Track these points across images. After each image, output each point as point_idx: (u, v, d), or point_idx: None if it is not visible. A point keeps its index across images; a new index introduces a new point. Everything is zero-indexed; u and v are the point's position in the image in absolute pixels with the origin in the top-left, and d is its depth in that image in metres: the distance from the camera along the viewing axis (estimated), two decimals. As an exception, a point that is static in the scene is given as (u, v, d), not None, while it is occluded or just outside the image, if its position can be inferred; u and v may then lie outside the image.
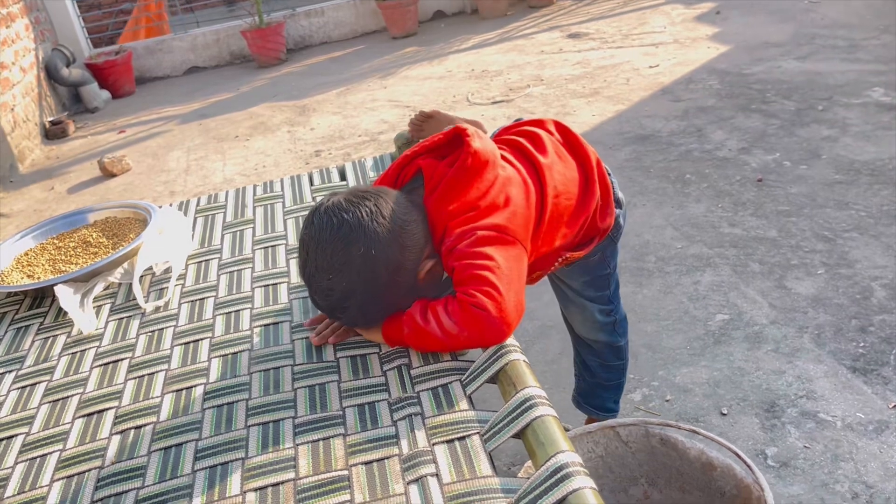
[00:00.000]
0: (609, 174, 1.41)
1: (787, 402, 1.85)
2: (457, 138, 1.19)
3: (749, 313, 2.19)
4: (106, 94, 6.01)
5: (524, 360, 1.03)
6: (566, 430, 0.91)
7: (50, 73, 5.60)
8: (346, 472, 0.89)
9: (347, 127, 4.46)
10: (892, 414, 1.76)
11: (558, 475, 0.82)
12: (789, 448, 1.72)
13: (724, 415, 1.84)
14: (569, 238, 1.30)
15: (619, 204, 1.44)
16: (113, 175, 4.22)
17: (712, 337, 2.12)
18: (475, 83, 4.87)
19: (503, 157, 1.21)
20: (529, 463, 1.23)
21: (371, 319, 1.11)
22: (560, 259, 1.33)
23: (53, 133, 5.21)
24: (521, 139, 1.31)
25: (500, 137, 1.34)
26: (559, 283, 1.58)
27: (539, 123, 1.38)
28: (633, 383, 1.99)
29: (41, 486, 0.96)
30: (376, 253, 1.06)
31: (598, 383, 1.67)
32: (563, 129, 1.39)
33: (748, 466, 1.20)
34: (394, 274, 1.09)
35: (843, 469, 1.65)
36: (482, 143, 1.17)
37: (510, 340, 1.07)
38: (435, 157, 1.21)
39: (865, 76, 3.81)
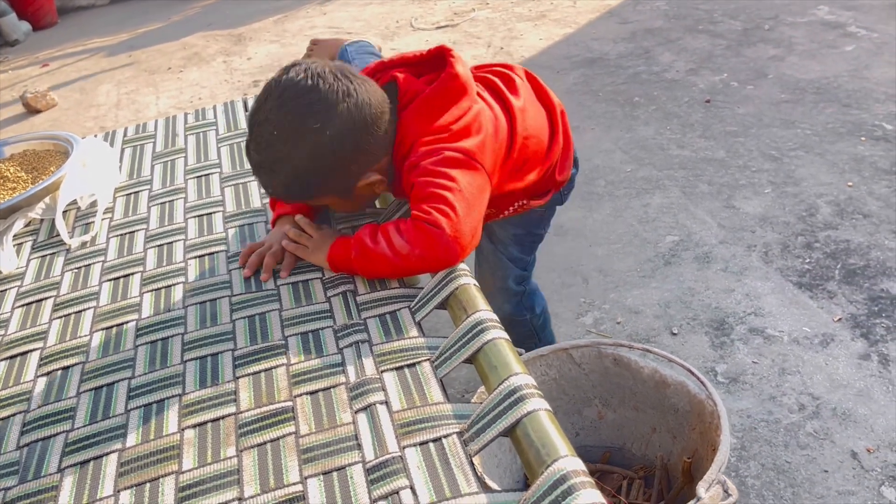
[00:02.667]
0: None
1: (735, 320, 1.86)
2: (439, 58, 1.14)
3: (698, 234, 2.19)
4: (26, 25, 5.63)
5: (475, 285, 0.99)
6: (518, 354, 0.88)
7: (-38, 4, 5.21)
8: (290, 403, 0.84)
9: (286, 56, 4.27)
10: (837, 327, 1.80)
11: (512, 398, 0.79)
12: (738, 364, 1.74)
13: (675, 334, 1.85)
14: (530, 184, 1.27)
15: (575, 163, 1.41)
16: (38, 111, 3.98)
17: (662, 259, 2.12)
18: (418, 7, 4.71)
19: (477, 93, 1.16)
20: (482, 389, 1.21)
21: (287, 194, 1.07)
22: (516, 205, 1.31)
23: (-30, 68, 4.88)
24: (494, 78, 1.26)
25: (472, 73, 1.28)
26: (485, 235, 1.51)
27: (509, 67, 1.32)
28: (584, 306, 1.98)
29: (-39, 434, 0.90)
30: (331, 136, 1.00)
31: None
32: (531, 77, 1.34)
33: (701, 382, 1.20)
34: (337, 167, 1.03)
35: (790, 382, 1.67)
36: (464, 69, 1.12)
37: (461, 265, 1.02)
38: (411, 73, 1.16)
39: (811, -5, 3.79)
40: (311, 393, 0.86)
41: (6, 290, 1.16)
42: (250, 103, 1.65)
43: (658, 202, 2.37)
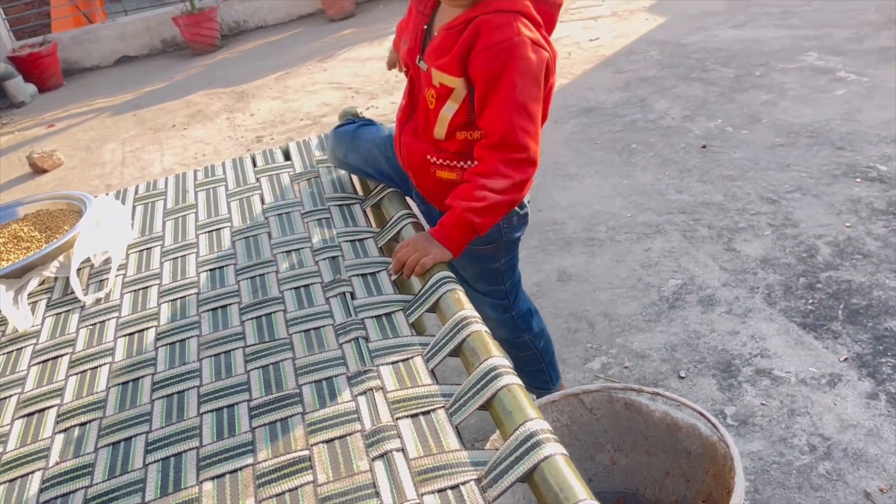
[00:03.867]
0: None
1: (742, 362, 1.87)
2: None
3: (701, 277, 2.21)
4: (32, 87, 5.75)
5: (486, 332, 1.01)
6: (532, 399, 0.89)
7: (-30, 68, 5.33)
8: (307, 452, 0.85)
9: (288, 111, 4.36)
10: (844, 367, 1.80)
11: (529, 443, 0.80)
12: (747, 406, 1.74)
13: (683, 378, 1.86)
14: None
15: (525, 218, 1.43)
16: (44, 171, 4.04)
17: (666, 302, 2.13)
18: (417, 63, 4.80)
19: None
20: (495, 436, 1.22)
21: None
22: (463, 165, 1.32)
23: (-22, 130, 4.97)
24: None
25: None
26: (456, 274, 1.52)
27: None
28: (591, 352, 1.99)
29: (-20, 492, 0.90)
30: None
31: (517, 367, 1.60)
32: None
33: (712, 424, 1.20)
34: None
35: (800, 423, 1.67)
36: None
37: (471, 312, 1.04)
38: None
39: (799, 41, 3.89)
40: (328, 441, 0.87)
41: (22, 347, 1.18)
42: (258, 159, 1.69)
43: (659, 246, 2.39)
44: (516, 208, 1.37)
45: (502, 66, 1.11)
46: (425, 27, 1.25)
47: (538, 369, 1.63)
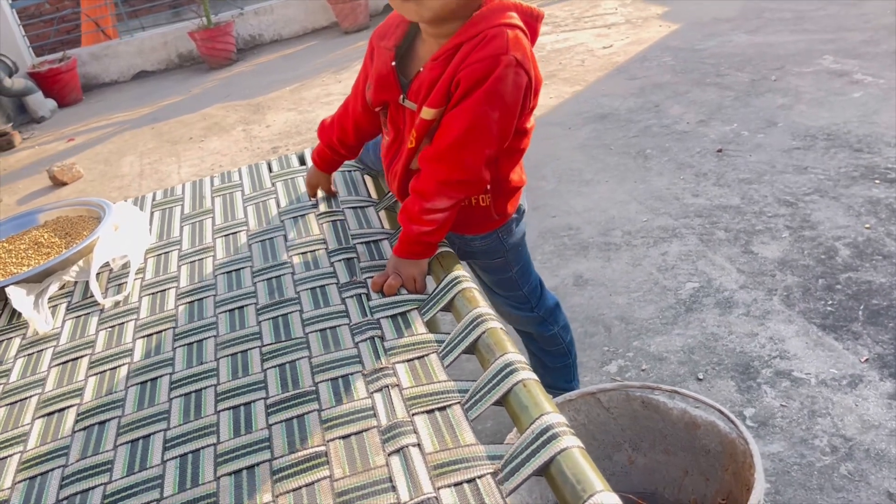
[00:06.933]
0: None
1: (761, 364, 1.85)
2: None
3: (718, 280, 2.20)
4: (52, 102, 5.84)
5: (501, 328, 1.01)
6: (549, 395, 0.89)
7: (-8, 85, 5.42)
8: (323, 448, 0.85)
9: (304, 122, 4.39)
10: (865, 368, 1.78)
11: (545, 436, 0.80)
12: (766, 408, 1.72)
13: (701, 380, 1.84)
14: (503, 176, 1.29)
15: (521, 214, 1.41)
16: (64, 184, 4.10)
17: (684, 305, 2.12)
18: (431, 73, 4.83)
19: None
20: (512, 433, 1.21)
21: None
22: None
23: (-1, 145, 5.04)
24: None
25: None
26: (477, 278, 1.53)
27: None
28: (608, 355, 1.98)
29: (2, 490, 0.91)
30: None
31: (543, 364, 1.63)
32: None
33: (731, 422, 1.19)
34: None
35: (821, 424, 1.65)
36: None
37: (486, 309, 1.04)
38: None
39: (815, 45, 3.87)
40: (344, 437, 0.87)
41: (43, 349, 1.19)
42: (274, 165, 1.70)
43: (676, 250, 2.38)
44: (514, 215, 1.36)
45: (480, 81, 1.07)
46: (393, 63, 1.19)
47: (565, 365, 1.63)
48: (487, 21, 1.09)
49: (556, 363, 1.62)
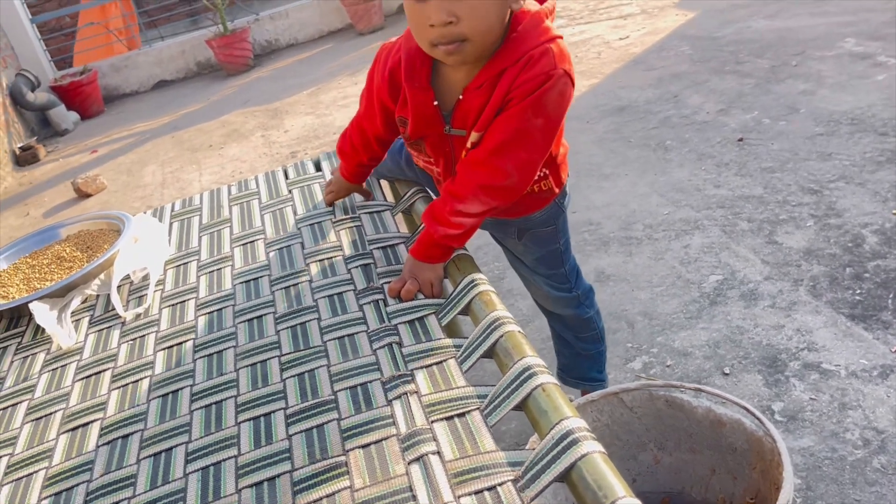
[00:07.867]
0: None
1: (788, 356, 1.82)
2: None
3: (742, 271, 2.17)
4: (74, 115, 5.92)
5: (519, 332, 1.00)
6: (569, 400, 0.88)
7: (15, 99, 5.51)
8: (343, 458, 0.85)
9: (322, 126, 4.41)
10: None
11: (565, 441, 0.79)
12: (795, 401, 1.69)
13: (727, 374, 1.81)
14: (555, 155, 1.31)
15: (564, 192, 1.42)
16: (88, 195, 4.15)
17: (707, 298, 2.09)
18: (447, 71, 4.82)
19: None
20: (533, 439, 1.20)
21: None
22: (540, 174, 1.30)
23: (24, 159, 5.12)
24: None
25: None
26: (515, 261, 1.54)
27: None
28: (631, 351, 1.96)
29: (28, 506, 0.92)
30: None
31: (576, 353, 1.62)
32: None
33: (758, 419, 1.17)
34: None
35: (852, 417, 1.62)
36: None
37: (504, 313, 1.03)
38: None
39: (836, 28, 3.80)
40: (364, 446, 0.87)
41: (66, 364, 1.20)
42: (290, 171, 1.70)
43: (698, 242, 2.35)
44: (567, 180, 1.39)
45: (529, 93, 1.08)
46: (435, 103, 1.18)
47: (599, 352, 1.63)
48: (528, 42, 1.09)
49: (589, 350, 1.62)
